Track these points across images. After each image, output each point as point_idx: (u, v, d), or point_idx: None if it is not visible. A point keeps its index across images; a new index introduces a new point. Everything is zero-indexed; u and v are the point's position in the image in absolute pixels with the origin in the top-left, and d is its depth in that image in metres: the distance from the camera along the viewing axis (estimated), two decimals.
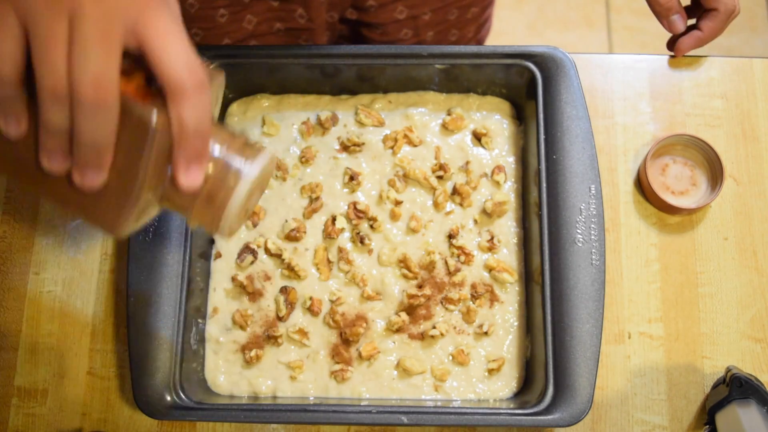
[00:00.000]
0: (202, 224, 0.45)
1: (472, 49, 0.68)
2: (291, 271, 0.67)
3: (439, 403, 0.64)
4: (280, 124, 0.72)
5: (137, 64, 0.40)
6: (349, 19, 0.85)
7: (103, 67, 0.37)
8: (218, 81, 0.45)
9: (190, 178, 0.41)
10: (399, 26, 0.84)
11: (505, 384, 0.65)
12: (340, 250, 0.68)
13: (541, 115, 0.66)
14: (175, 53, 0.39)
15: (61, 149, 0.40)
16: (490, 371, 0.65)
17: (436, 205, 0.70)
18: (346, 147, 0.71)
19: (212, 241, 0.69)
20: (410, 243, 0.69)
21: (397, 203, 0.69)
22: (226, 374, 0.66)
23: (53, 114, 0.38)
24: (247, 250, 0.68)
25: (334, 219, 0.69)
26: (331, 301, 0.67)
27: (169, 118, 0.39)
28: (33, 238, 0.71)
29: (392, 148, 0.71)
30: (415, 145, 0.71)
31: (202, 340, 0.67)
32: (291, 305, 0.67)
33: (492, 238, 0.68)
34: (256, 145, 0.45)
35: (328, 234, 0.68)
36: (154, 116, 0.39)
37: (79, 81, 0.37)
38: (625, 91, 0.74)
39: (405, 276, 0.68)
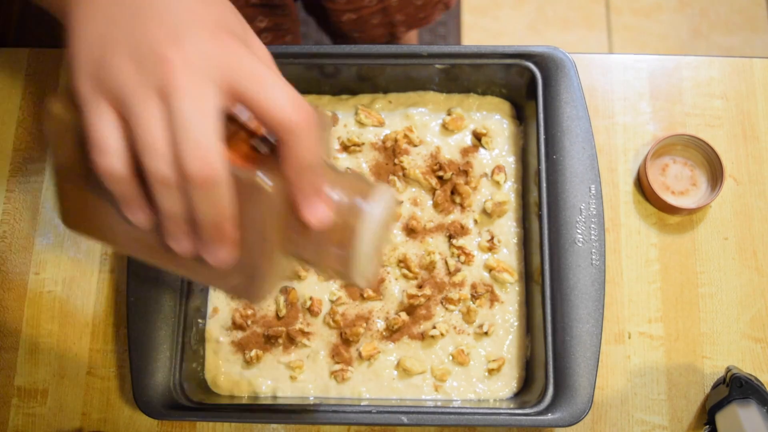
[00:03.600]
0: (335, 274, 0.43)
1: (472, 48, 0.68)
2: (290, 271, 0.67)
3: (439, 403, 0.64)
4: None
5: (234, 122, 0.39)
6: None
7: (206, 143, 0.35)
8: (325, 121, 0.43)
9: (317, 214, 0.39)
10: None
11: (505, 384, 0.65)
12: None
13: (541, 115, 0.66)
14: (275, 94, 0.37)
15: (185, 232, 0.38)
16: (490, 371, 0.65)
17: (436, 205, 0.70)
18: (346, 147, 0.71)
19: None
20: (410, 243, 0.69)
21: (398, 203, 0.69)
22: (226, 374, 0.66)
23: (168, 200, 0.36)
24: None
25: None
26: (331, 301, 0.67)
27: (282, 173, 0.38)
28: (33, 238, 0.71)
29: (392, 148, 0.71)
30: (415, 145, 0.71)
31: (202, 340, 0.67)
32: (291, 305, 0.67)
33: (492, 238, 0.68)
34: (368, 181, 0.43)
35: None
36: (267, 181, 0.37)
37: (185, 164, 0.35)
38: (625, 91, 0.74)
39: (405, 276, 0.68)
